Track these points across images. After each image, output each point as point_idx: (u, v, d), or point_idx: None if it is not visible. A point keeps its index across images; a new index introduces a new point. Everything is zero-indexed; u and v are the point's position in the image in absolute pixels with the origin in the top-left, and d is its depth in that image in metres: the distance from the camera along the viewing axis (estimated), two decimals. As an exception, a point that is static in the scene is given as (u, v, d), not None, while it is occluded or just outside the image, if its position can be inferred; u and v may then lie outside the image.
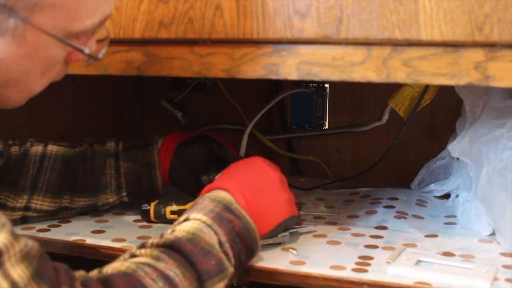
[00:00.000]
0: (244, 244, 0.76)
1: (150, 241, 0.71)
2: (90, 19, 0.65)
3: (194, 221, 0.74)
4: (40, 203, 0.95)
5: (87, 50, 0.68)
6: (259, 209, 0.80)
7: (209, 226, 0.73)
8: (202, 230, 0.72)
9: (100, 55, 0.72)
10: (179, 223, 0.75)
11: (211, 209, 0.76)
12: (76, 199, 0.97)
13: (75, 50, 0.67)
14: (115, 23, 0.82)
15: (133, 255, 0.69)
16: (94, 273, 0.65)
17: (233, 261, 0.74)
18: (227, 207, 0.77)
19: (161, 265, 0.66)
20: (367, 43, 0.72)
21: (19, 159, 0.96)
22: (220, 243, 0.73)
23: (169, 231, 0.73)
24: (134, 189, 0.98)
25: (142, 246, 0.70)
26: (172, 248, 0.69)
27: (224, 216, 0.75)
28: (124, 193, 0.98)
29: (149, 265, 0.66)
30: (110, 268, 0.65)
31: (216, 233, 0.73)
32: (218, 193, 0.79)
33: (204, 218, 0.74)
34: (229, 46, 0.78)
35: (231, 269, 0.72)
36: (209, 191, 0.81)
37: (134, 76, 0.84)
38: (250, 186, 0.81)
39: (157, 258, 0.67)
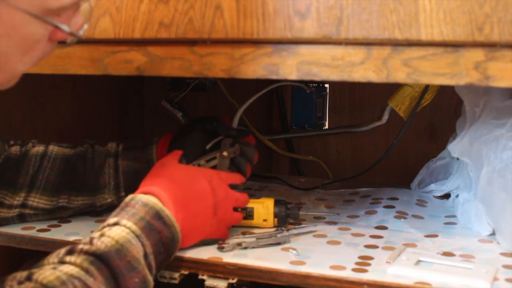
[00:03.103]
0: (167, 253, 0.79)
1: (80, 246, 0.71)
2: None
3: (124, 229, 0.75)
4: (37, 200, 0.95)
5: (66, 28, 0.64)
6: (186, 222, 0.83)
7: (137, 237, 0.75)
8: (130, 241, 0.74)
9: (81, 33, 0.67)
10: (109, 226, 0.76)
11: (142, 217, 0.77)
12: (73, 198, 0.97)
13: (56, 28, 0.64)
14: (115, 23, 0.82)
15: (62, 261, 0.69)
16: (22, 277, 0.65)
17: (154, 271, 0.76)
18: (157, 215, 0.79)
19: (90, 281, 0.67)
20: (367, 43, 0.72)
21: (18, 159, 0.96)
22: (146, 255, 0.75)
23: (97, 233, 0.74)
24: (133, 189, 0.96)
25: (71, 251, 0.71)
26: (101, 260, 0.70)
27: (154, 225, 0.77)
28: (123, 193, 0.98)
29: (79, 279, 0.67)
30: (40, 276, 0.65)
31: (143, 245, 0.75)
32: (151, 197, 0.80)
33: (133, 227, 0.75)
34: (229, 46, 0.78)
35: (152, 284, 0.75)
36: (144, 190, 0.82)
37: (134, 76, 0.84)
38: (184, 198, 0.83)
39: (87, 271, 0.68)
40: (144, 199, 0.80)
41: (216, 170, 0.91)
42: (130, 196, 0.81)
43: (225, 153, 0.94)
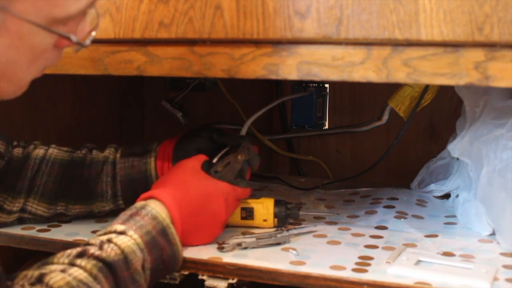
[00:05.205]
0: (166, 269, 0.81)
1: (91, 250, 0.73)
2: (75, 4, 0.62)
3: (130, 239, 0.77)
4: (36, 207, 0.95)
5: (73, 38, 0.64)
6: (190, 232, 0.85)
7: (141, 250, 0.77)
8: (135, 252, 0.76)
9: (88, 42, 0.67)
10: (116, 234, 0.77)
11: (148, 231, 0.79)
12: (71, 206, 0.96)
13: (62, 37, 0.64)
14: (115, 23, 0.82)
15: (72, 263, 0.71)
16: (33, 277, 0.67)
17: (148, 285, 0.78)
18: (163, 231, 0.80)
19: None
20: (367, 43, 0.72)
21: (20, 162, 0.95)
22: (144, 269, 0.77)
23: (105, 237, 0.76)
24: (131, 197, 0.94)
25: (82, 254, 0.72)
26: (109, 268, 0.72)
27: (158, 241, 0.79)
28: (121, 201, 0.97)
29: (87, 285, 0.69)
30: (51, 280, 0.67)
31: (144, 259, 0.77)
32: (160, 211, 0.82)
33: (139, 240, 0.77)
34: (229, 46, 0.78)
35: None
36: (159, 197, 0.83)
37: (134, 76, 0.84)
38: (193, 209, 0.85)
39: (95, 278, 0.70)
40: (154, 211, 0.81)
41: (233, 186, 0.91)
42: (142, 203, 0.83)
43: (239, 157, 0.94)
